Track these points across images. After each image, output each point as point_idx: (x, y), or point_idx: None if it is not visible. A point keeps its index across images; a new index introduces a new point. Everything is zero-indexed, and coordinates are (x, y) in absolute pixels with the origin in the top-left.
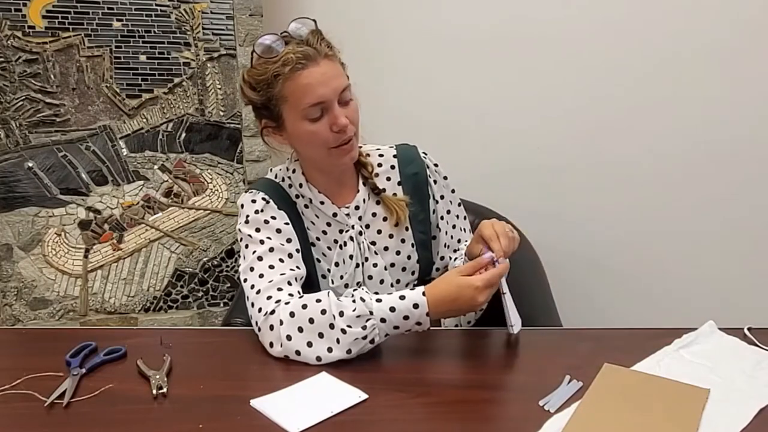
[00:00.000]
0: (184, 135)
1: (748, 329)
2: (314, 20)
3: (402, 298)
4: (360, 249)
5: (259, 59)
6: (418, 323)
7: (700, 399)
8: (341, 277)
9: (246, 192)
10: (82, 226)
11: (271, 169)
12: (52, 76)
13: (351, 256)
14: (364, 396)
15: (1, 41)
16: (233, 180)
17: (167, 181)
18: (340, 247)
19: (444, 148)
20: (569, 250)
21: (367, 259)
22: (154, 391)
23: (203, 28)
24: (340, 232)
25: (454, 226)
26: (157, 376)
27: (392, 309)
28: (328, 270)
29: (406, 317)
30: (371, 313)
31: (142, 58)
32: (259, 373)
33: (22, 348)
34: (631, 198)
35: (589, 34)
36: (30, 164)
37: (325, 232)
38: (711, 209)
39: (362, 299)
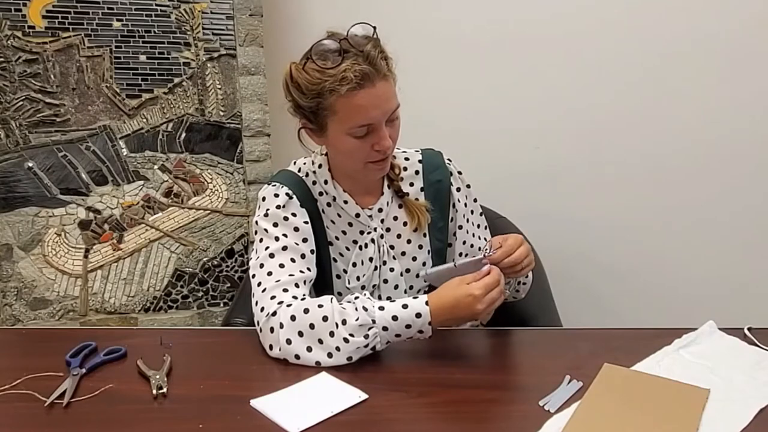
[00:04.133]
0: (184, 135)
1: (748, 329)
2: (374, 27)
3: (405, 306)
4: (380, 252)
5: (313, 64)
6: (420, 331)
7: (700, 399)
8: (358, 279)
9: (269, 184)
10: (82, 226)
11: (294, 162)
12: (52, 76)
13: (371, 258)
14: (364, 396)
15: (1, 41)
16: (233, 180)
17: (167, 181)
18: (360, 248)
19: (443, 148)
20: (569, 250)
21: (385, 263)
22: (154, 391)
23: (203, 28)
24: (361, 233)
25: (473, 235)
26: (157, 376)
27: (395, 318)
28: (344, 270)
29: (408, 326)
30: (374, 321)
31: (142, 58)
32: (259, 373)
33: (22, 348)
34: (631, 198)
35: (589, 34)
36: (30, 164)
37: (344, 232)
38: (711, 209)
39: (365, 308)
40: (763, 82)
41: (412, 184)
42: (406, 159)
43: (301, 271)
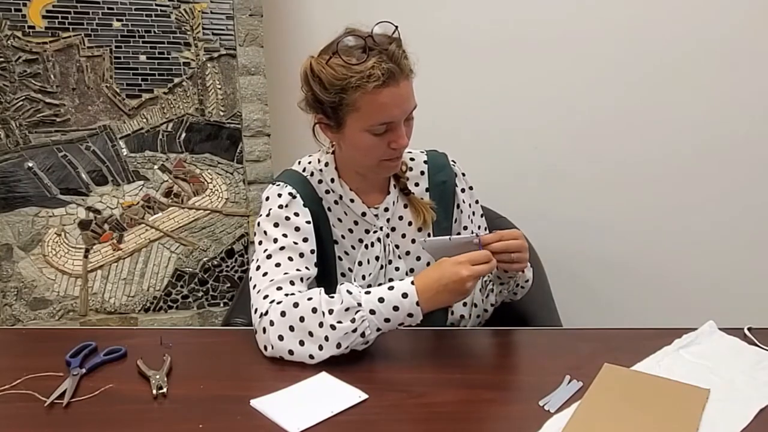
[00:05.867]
0: (184, 135)
1: (748, 329)
2: (396, 26)
3: (391, 288)
4: (385, 251)
5: (338, 59)
6: (410, 315)
7: (700, 399)
8: (363, 278)
9: (272, 184)
10: (82, 226)
11: (299, 161)
12: (52, 76)
13: (377, 257)
14: (364, 396)
15: (1, 41)
16: (233, 180)
17: (167, 181)
18: (366, 247)
19: (443, 148)
20: (569, 250)
21: (390, 262)
22: (154, 391)
23: (203, 28)
24: (366, 232)
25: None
26: (157, 376)
27: (381, 300)
28: (349, 269)
29: (396, 308)
30: (359, 304)
31: (142, 58)
32: (259, 373)
33: (22, 348)
34: (631, 198)
35: (588, 35)
36: (30, 164)
37: (350, 230)
38: (711, 209)
39: (349, 291)
40: (763, 83)
41: (417, 184)
42: (412, 159)
43: (297, 269)
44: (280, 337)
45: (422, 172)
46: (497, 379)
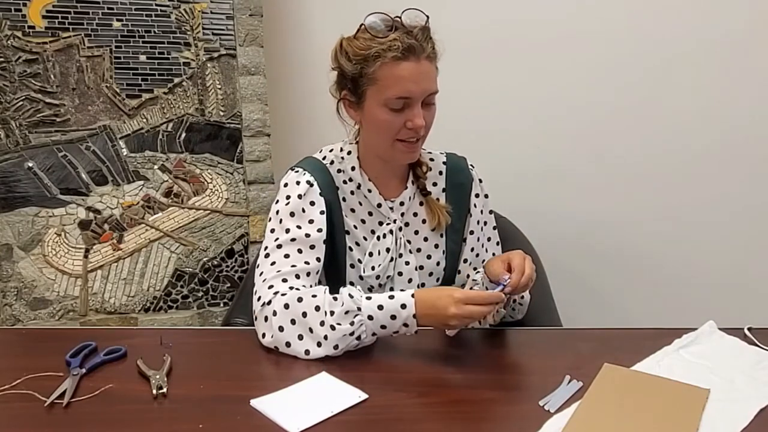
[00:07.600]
0: (184, 135)
1: (748, 329)
2: (428, 16)
3: (391, 297)
4: (397, 244)
5: (365, 33)
6: (405, 324)
7: (700, 399)
8: (373, 268)
9: (292, 170)
10: (82, 226)
11: (321, 150)
12: (52, 76)
13: (387, 249)
14: (364, 396)
15: (1, 41)
16: (233, 180)
17: (167, 181)
18: (378, 238)
19: (444, 148)
20: (569, 250)
21: (401, 255)
22: (154, 391)
23: (203, 28)
24: (380, 223)
25: (482, 246)
26: (157, 376)
27: (380, 307)
28: (359, 260)
29: (393, 316)
30: (359, 309)
31: (142, 58)
32: (259, 373)
33: (22, 348)
34: (631, 198)
35: (589, 34)
36: (30, 164)
37: (363, 221)
38: (711, 209)
39: (350, 295)
40: (764, 82)
41: (435, 184)
42: (431, 160)
43: (306, 262)
44: (281, 328)
45: (440, 173)
46: (497, 379)
